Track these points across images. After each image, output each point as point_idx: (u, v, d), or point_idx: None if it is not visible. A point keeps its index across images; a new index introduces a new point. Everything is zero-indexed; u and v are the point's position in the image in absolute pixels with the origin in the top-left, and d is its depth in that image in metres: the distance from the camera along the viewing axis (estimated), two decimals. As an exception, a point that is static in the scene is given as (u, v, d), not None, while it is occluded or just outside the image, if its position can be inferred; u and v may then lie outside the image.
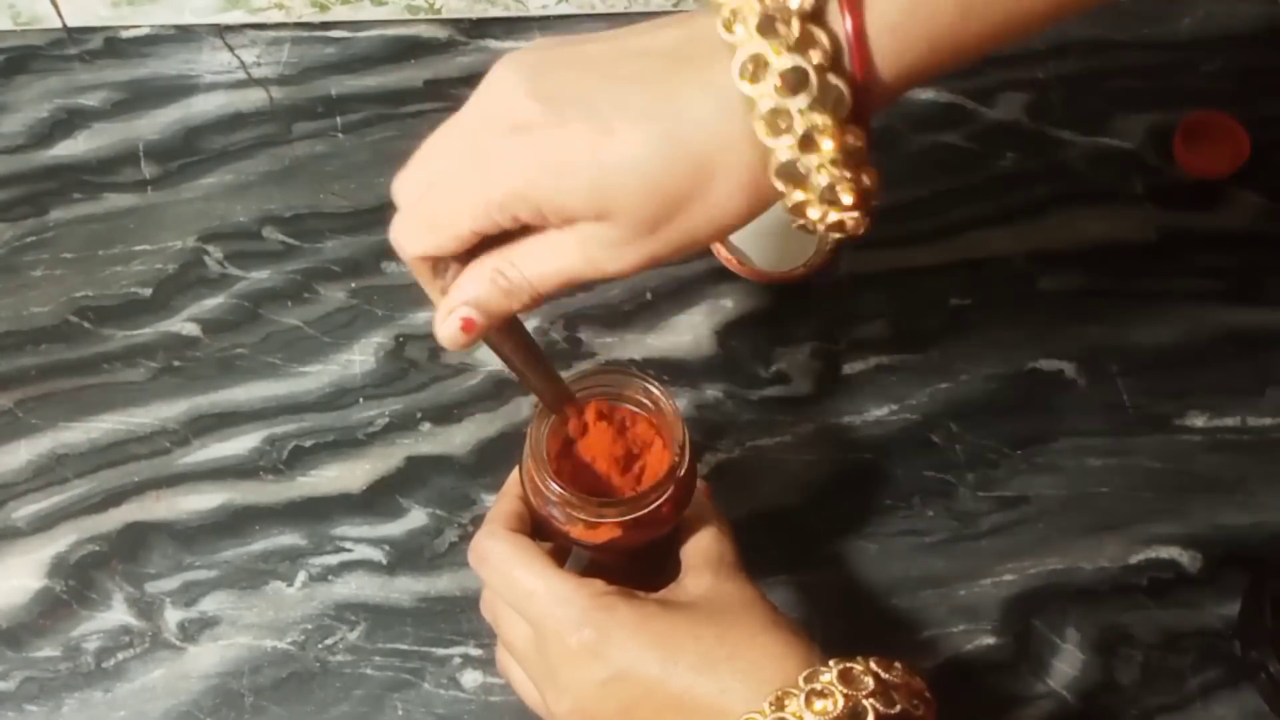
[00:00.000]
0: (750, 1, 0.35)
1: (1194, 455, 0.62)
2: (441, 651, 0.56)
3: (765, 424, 0.62)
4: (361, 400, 0.62)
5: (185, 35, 0.71)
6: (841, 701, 0.39)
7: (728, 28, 0.35)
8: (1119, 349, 0.64)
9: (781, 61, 0.35)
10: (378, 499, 0.60)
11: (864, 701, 0.39)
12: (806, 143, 0.35)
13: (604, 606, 0.43)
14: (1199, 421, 0.63)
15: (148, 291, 0.64)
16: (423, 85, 0.71)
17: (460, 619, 0.57)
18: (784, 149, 0.35)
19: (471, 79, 0.70)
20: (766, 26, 0.35)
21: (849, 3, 0.35)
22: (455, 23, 0.72)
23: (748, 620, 0.43)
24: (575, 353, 0.63)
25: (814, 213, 0.37)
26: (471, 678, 0.56)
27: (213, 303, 0.64)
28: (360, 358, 0.63)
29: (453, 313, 0.41)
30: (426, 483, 0.60)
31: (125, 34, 0.71)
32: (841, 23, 0.35)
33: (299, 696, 0.55)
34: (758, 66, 0.35)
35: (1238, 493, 0.61)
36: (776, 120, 0.35)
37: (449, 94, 0.70)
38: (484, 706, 0.55)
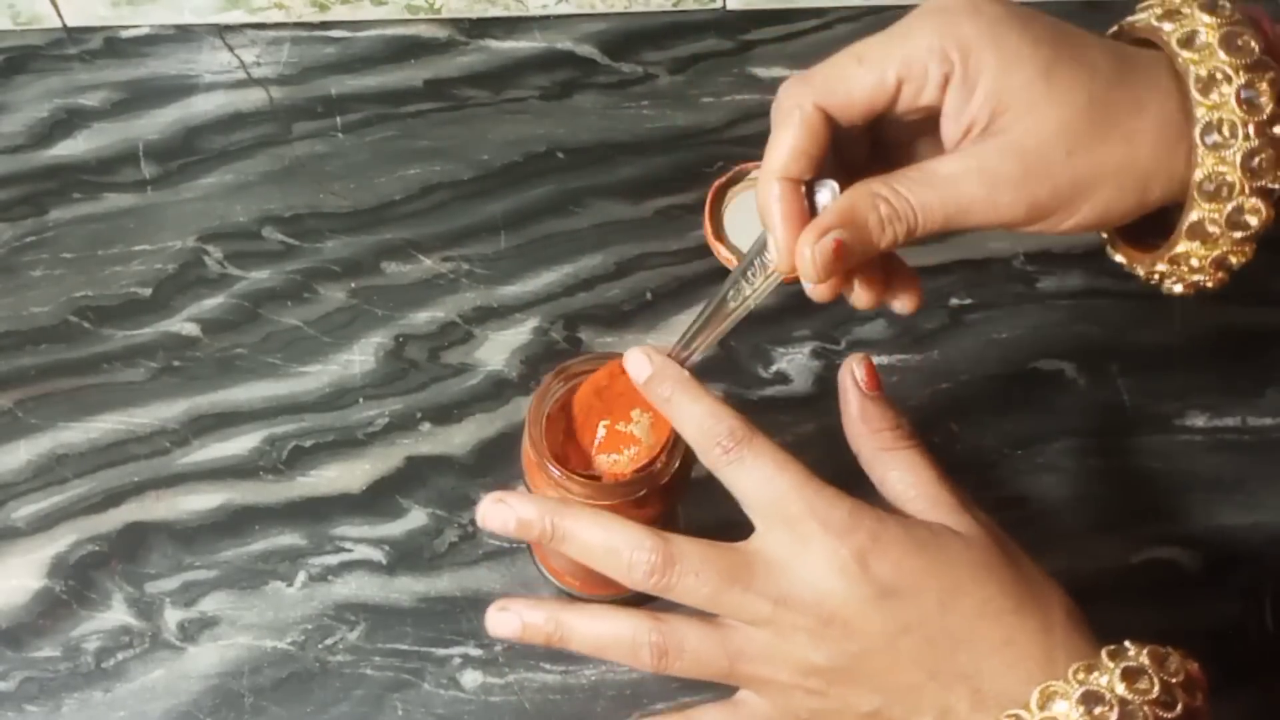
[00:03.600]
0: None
1: (1194, 455, 0.62)
2: (441, 652, 0.56)
3: (765, 424, 0.61)
4: (361, 400, 0.62)
5: (185, 35, 0.71)
6: (1158, 685, 0.38)
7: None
8: (1119, 349, 0.64)
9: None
10: (377, 499, 0.60)
11: (1175, 687, 0.38)
12: (1238, 105, 0.38)
13: (877, 517, 0.41)
14: (1199, 422, 0.63)
15: (147, 291, 0.64)
16: (423, 85, 0.71)
17: (460, 619, 0.57)
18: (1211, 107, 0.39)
19: (472, 79, 0.71)
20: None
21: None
22: (455, 22, 0.72)
23: (1016, 570, 0.42)
24: (575, 353, 0.63)
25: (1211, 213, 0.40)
26: (471, 678, 0.56)
27: (212, 303, 0.64)
28: (360, 358, 0.63)
29: (826, 234, 0.39)
30: (426, 483, 0.60)
31: (125, 34, 0.71)
32: None
33: (299, 697, 0.55)
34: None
35: (1238, 493, 0.61)
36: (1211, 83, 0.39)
37: (449, 94, 0.70)
38: (484, 706, 0.55)
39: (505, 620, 0.42)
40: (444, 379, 0.63)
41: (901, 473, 0.44)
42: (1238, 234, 0.42)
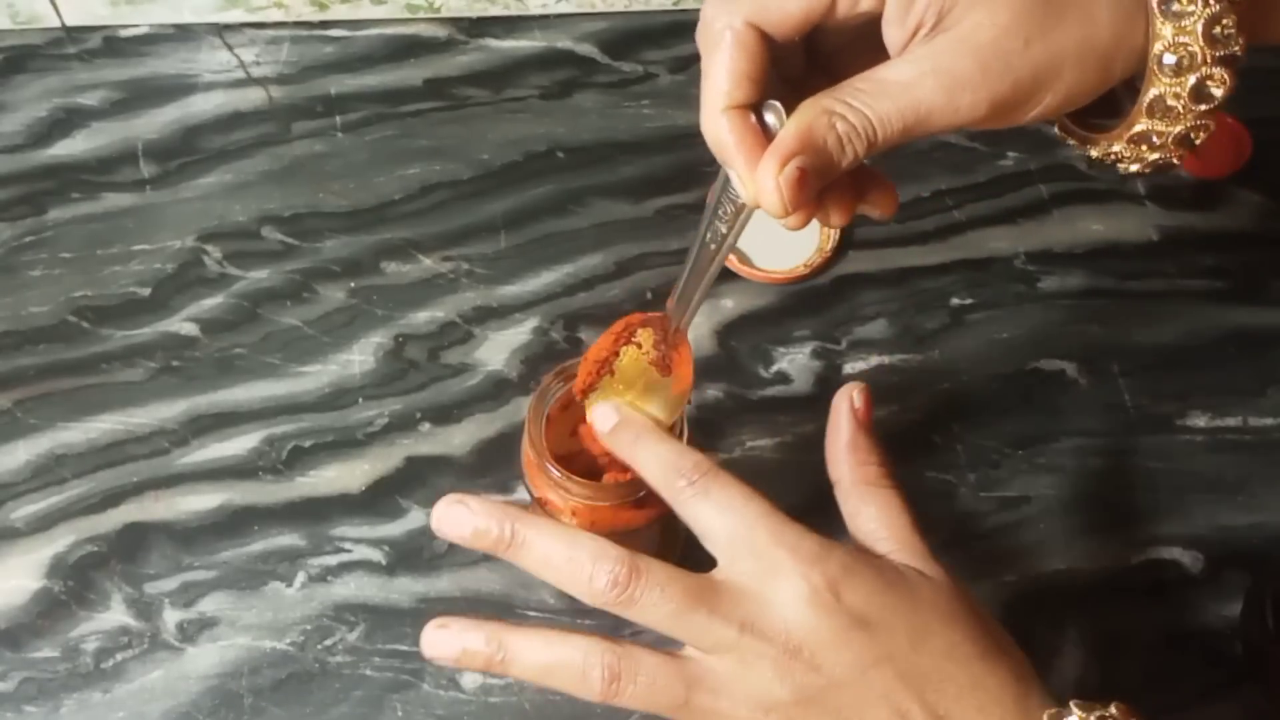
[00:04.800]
0: None
1: (1195, 455, 0.62)
2: (441, 652, 0.56)
3: (765, 424, 0.62)
4: (361, 400, 0.62)
5: (184, 34, 0.71)
6: None
7: None
8: (1120, 349, 0.64)
9: None
10: (377, 499, 0.59)
11: None
12: None
13: (847, 550, 0.39)
14: (1200, 422, 0.63)
15: (146, 291, 0.64)
16: (422, 84, 0.71)
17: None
18: None
19: (471, 78, 0.71)
20: None
21: None
22: (455, 21, 0.72)
23: (981, 622, 0.41)
24: (575, 353, 0.63)
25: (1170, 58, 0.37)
26: (471, 679, 0.56)
27: (211, 302, 0.64)
28: (359, 358, 0.63)
29: (787, 162, 0.36)
30: (426, 483, 0.60)
31: (124, 33, 0.71)
32: None
33: (298, 697, 0.55)
34: None
35: (1239, 493, 0.61)
36: None
37: (449, 93, 0.70)
38: (483, 707, 0.55)
39: (442, 641, 0.40)
40: (444, 379, 0.62)
41: (878, 511, 0.43)
42: (1201, 107, 0.38)
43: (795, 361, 0.63)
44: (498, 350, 0.63)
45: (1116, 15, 0.37)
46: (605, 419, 0.43)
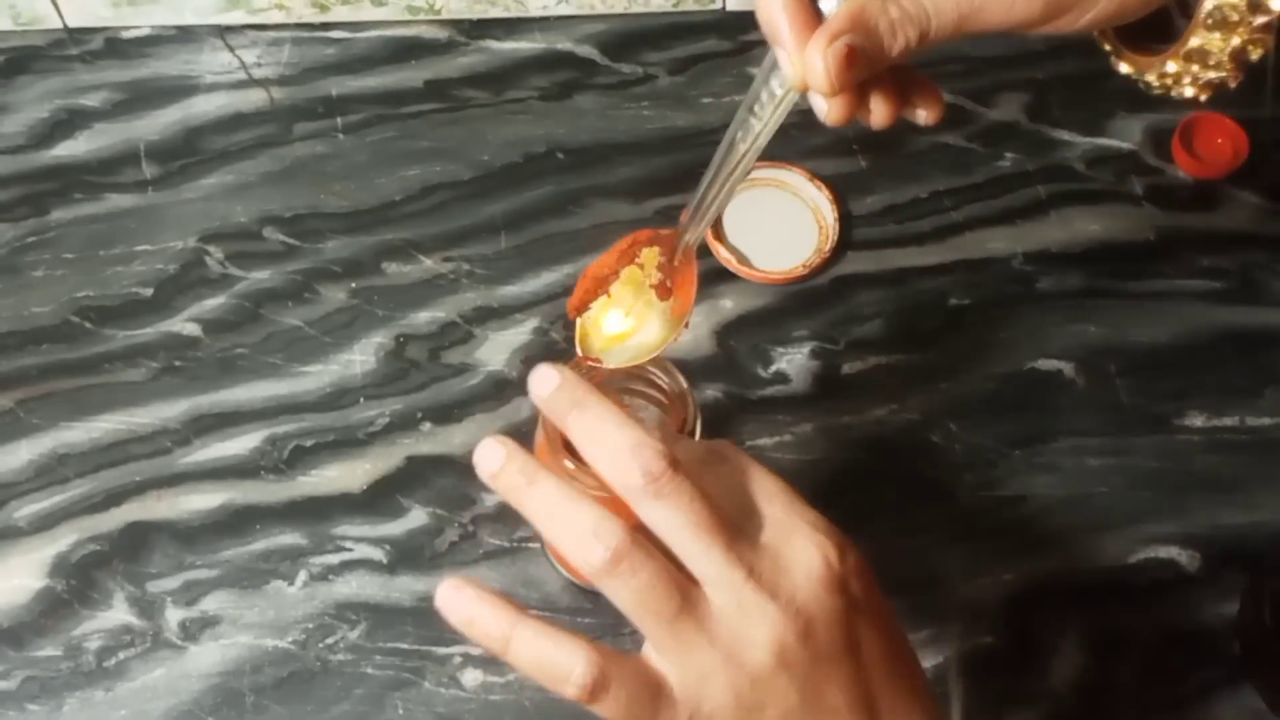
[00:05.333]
0: None
1: (1193, 455, 0.62)
2: (442, 650, 0.56)
3: (765, 424, 0.62)
4: (362, 400, 0.62)
5: (186, 36, 0.71)
6: None
7: None
8: (1118, 349, 0.65)
9: None
10: (378, 499, 0.60)
11: None
12: None
13: (854, 543, 0.39)
14: (1198, 421, 0.63)
15: (149, 291, 0.64)
16: (423, 86, 0.71)
17: (461, 618, 0.57)
18: None
19: (472, 79, 0.71)
20: None
21: None
22: (455, 23, 0.72)
23: (906, 653, 0.41)
24: (575, 352, 0.63)
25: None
26: (472, 676, 0.56)
27: (213, 303, 0.64)
28: (360, 358, 0.63)
29: (837, 39, 0.36)
30: (427, 482, 0.60)
31: (126, 34, 0.71)
32: None
33: (300, 695, 0.55)
34: None
35: (1236, 492, 0.61)
36: None
37: (449, 94, 0.70)
38: (484, 705, 0.55)
39: (456, 603, 0.38)
40: (444, 379, 0.63)
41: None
42: (1259, 19, 0.38)
43: (794, 361, 0.64)
44: (498, 350, 0.63)
45: None
46: (544, 381, 0.39)
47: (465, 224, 0.67)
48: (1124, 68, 0.43)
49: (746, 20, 0.73)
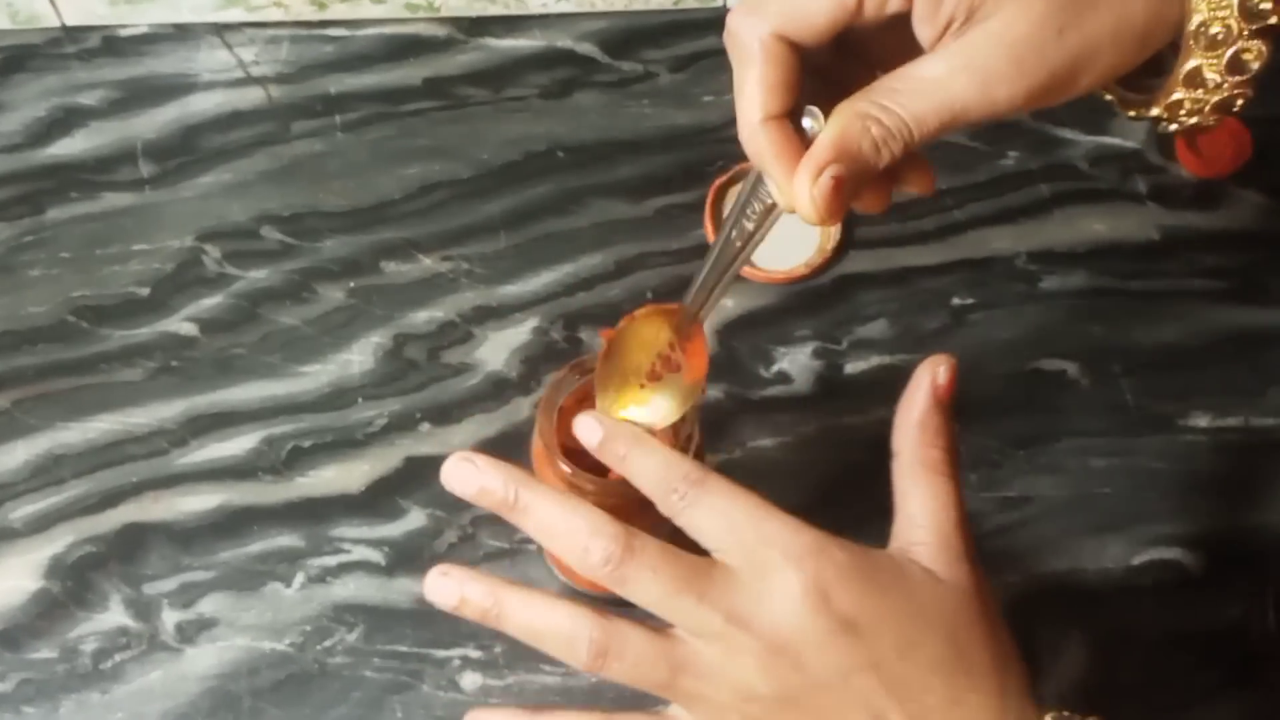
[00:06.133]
0: None
1: (1197, 455, 0.62)
2: (441, 653, 0.56)
3: (766, 424, 0.62)
4: (360, 400, 0.62)
5: (183, 34, 0.71)
6: None
7: None
8: (1121, 349, 0.64)
9: None
10: (377, 500, 0.59)
11: None
12: None
13: (842, 547, 0.39)
14: (1202, 422, 0.63)
15: (145, 291, 0.64)
16: (422, 84, 0.70)
17: (459, 621, 0.56)
18: None
19: (471, 77, 0.71)
20: None
21: None
22: (454, 21, 0.72)
23: (986, 631, 0.40)
24: (575, 353, 0.63)
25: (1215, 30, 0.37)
26: (471, 680, 0.56)
27: (211, 302, 0.64)
28: (359, 358, 0.63)
29: (824, 171, 0.36)
30: (426, 483, 0.60)
31: (123, 32, 0.71)
32: None
33: (297, 698, 0.55)
34: None
35: (1241, 494, 0.61)
36: None
37: (449, 92, 0.70)
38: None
39: (444, 587, 0.40)
40: (443, 379, 0.62)
41: (928, 498, 0.42)
42: (1237, 78, 0.39)
43: (796, 361, 0.63)
44: (497, 350, 0.63)
45: None
46: (590, 433, 0.42)
47: (464, 223, 0.66)
48: (1106, 96, 0.43)
49: (747, 18, 0.73)
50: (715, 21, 0.73)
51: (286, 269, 0.65)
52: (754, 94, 0.37)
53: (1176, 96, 0.40)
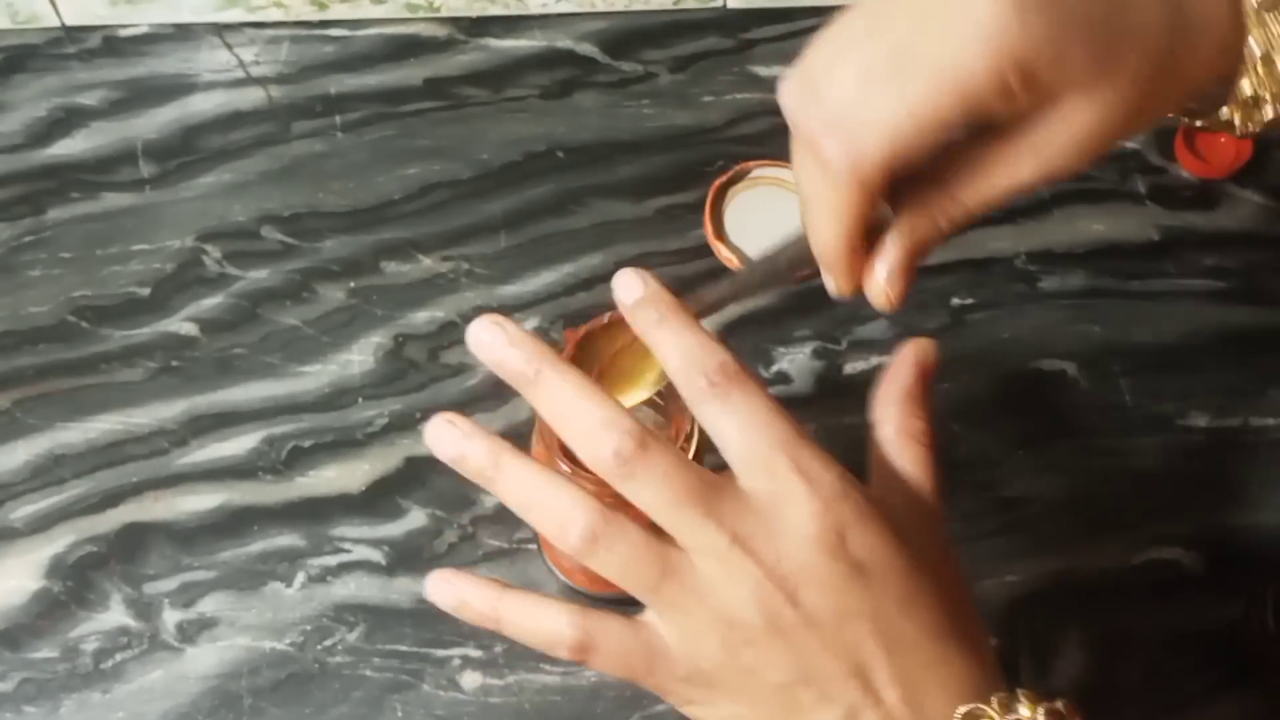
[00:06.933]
0: None
1: (1196, 455, 0.62)
2: (441, 653, 0.56)
3: (766, 424, 0.62)
4: (360, 400, 0.62)
5: (183, 34, 0.71)
6: None
7: None
8: (1121, 349, 0.64)
9: None
10: (377, 500, 0.59)
11: None
12: None
13: (866, 494, 0.38)
14: (1201, 422, 0.63)
15: (146, 291, 0.64)
16: (422, 84, 0.70)
17: (460, 620, 0.57)
18: None
19: (471, 78, 0.71)
20: None
21: None
22: (454, 21, 0.72)
23: (970, 604, 0.40)
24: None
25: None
26: (471, 679, 0.56)
27: (211, 302, 0.64)
28: (359, 358, 0.63)
29: (907, 269, 0.38)
30: (426, 483, 0.60)
31: (123, 33, 0.71)
32: None
33: (298, 698, 0.55)
34: None
35: (1240, 493, 0.61)
36: None
37: (449, 93, 0.70)
38: (483, 708, 0.55)
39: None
40: (443, 379, 0.62)
41: (909, 468, 0.42)
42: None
43: (795, 361, 0.63)
44: (498, 350, 0.63)
45: (1214, 63, 0.38)
46: (630, 288, 0.40)
47: (465, 223, 0.67)
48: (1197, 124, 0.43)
49: (747, 18, 0.73)
50: (715, 22, 0.73)
51: (287, 269, 0.65)
52: (842, 224, 0.37)
53: (1247, 91, 0.40)
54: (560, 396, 0.38)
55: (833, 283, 0.40)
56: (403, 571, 0.58)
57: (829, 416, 0.62)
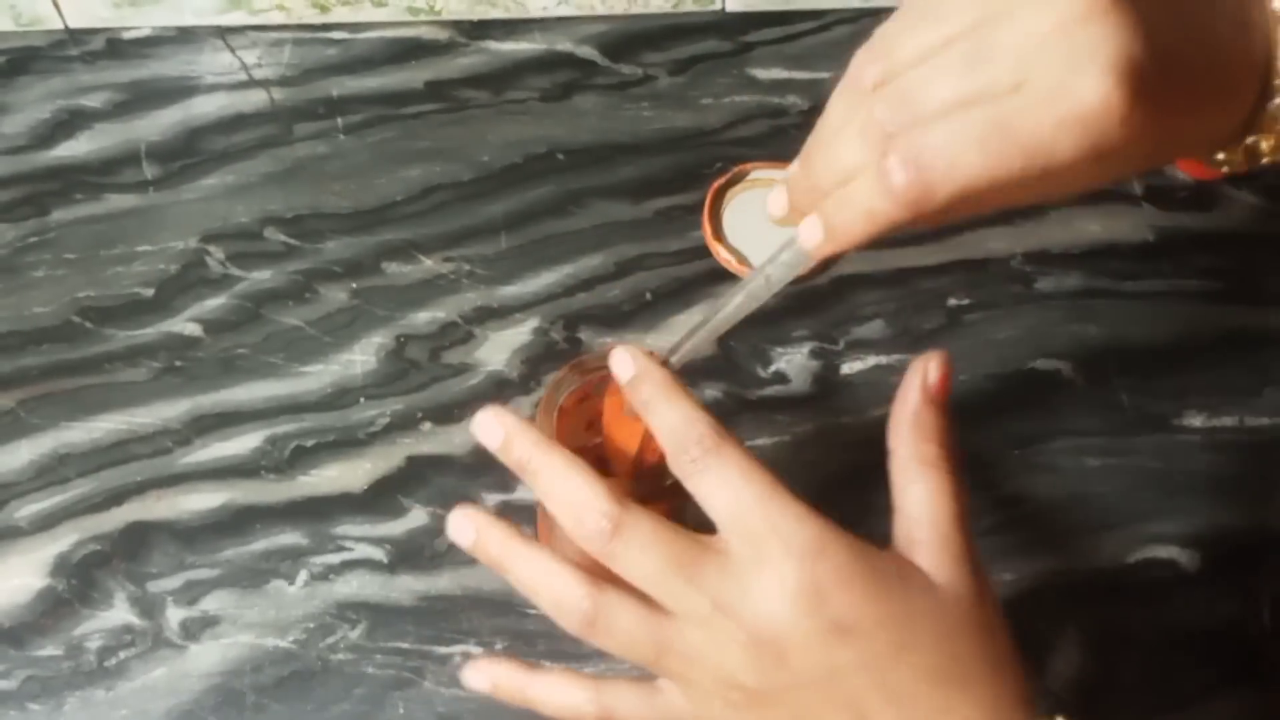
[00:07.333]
0: None
1: (1192, 455, 0.62)
2: (442, 650, 0.56)
3: (764, 424, 0.62)
4: (362, 400, 0.62)
5: (186, 36, 0.72)
6: None
7: None
8: (1117, 349, 0.65)
9: None
10: (379, 498, 0.60)
11: None
12: None
13: (846, 546, 0.38)
14: (1197, 421, 0.63)
15: (149, 292, 0.64)
16: (423, 86, 0.71)
17: (461, 618, 0.57)
18: None
19: (472, 80, 0.71)
20: None
21: None
22: (456, 24, 0.73)
23: (984, 640, 0.39)
24: (575, 353, 0.63)
25: None
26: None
27: (214, 303, 0.64)
28: (361, 358, 0.63)
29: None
30: (427, 482, 0.60)
31: (127, 35, 0.72)
32: None
33: (300, 695, 0.55)
34: None
35: (1236, 493, 0.61)
36: None
37: (450, 95, 0.71)
38: (485, 704, 0.55)
39: (463, 528, 0.41)
40: (444, 379, 0.63)
41: (926, 495, 0.41)
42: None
43: (793, 361, 0.64)
44: (498, 350, 0.63)
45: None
46: (624, 367, 0.42)
47: (465, 224, 0.67)
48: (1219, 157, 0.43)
49: (746, 21, 0.73)
50: (714, 25, 0.73)
51: (289, 270, 0.65)
52: (871, 227, 0.38)
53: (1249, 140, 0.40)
54: (548, 481, 0.40)
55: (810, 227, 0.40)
56: (404, 570, 0.58)
57: (826, 416, 0.63)
